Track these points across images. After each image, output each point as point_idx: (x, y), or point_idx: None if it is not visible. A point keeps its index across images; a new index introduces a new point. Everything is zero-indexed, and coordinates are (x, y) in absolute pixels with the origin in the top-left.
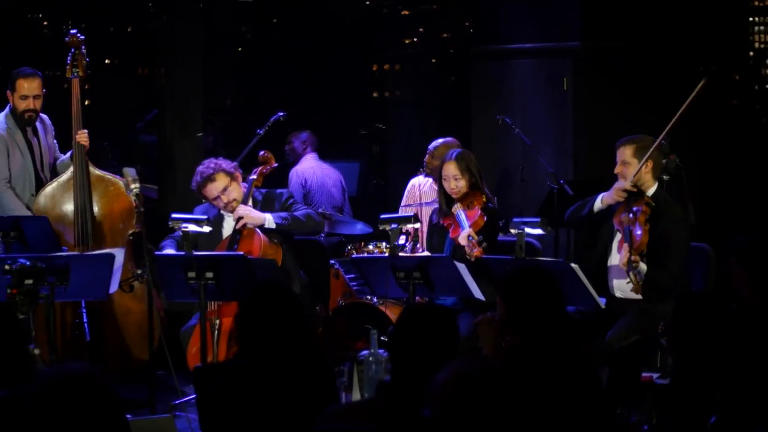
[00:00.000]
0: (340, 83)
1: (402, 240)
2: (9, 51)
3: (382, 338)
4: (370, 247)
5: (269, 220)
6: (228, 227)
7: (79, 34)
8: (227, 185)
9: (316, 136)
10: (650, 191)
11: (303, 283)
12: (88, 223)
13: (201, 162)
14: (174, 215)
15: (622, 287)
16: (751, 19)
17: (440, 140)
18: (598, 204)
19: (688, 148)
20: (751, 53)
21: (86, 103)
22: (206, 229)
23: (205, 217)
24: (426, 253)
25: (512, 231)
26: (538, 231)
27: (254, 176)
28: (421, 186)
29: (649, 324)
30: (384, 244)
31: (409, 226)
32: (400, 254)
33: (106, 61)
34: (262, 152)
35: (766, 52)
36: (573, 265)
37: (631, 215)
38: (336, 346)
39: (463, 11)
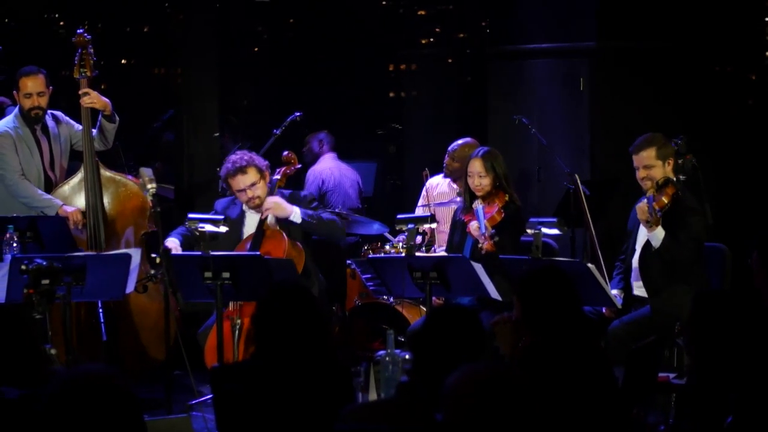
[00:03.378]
0: (357, 83)
1: (418, 240)
2: (25, 52)
3: (399, 338)
4: (387, 247)
5: (296, 213)
6: (250, 226)
7: (86, 34)
8: (256, 181)
9: (332, 136)
10: None
11: (321, 287)
12: (100, 223)
13: (231, 153)
14: (191, 215)
15: (641, 285)
16: (767, 19)
17: (460, 141)
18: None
19: (704, 148)
20: (767, 53)
21: None
22: (222, 229)
23: (222, 217)
24: (442, 253)
25: (529, 231)
26: (555, 231)
27: (278, 176)
28: (436, 187)
29: (658, 322)
30: (399, 242)
31: (426, 227)
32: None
33: (123, 61)
34: (285, 152)
35: None
36: (589, 265)
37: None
38: (353, 346)
39: (479, 11)
